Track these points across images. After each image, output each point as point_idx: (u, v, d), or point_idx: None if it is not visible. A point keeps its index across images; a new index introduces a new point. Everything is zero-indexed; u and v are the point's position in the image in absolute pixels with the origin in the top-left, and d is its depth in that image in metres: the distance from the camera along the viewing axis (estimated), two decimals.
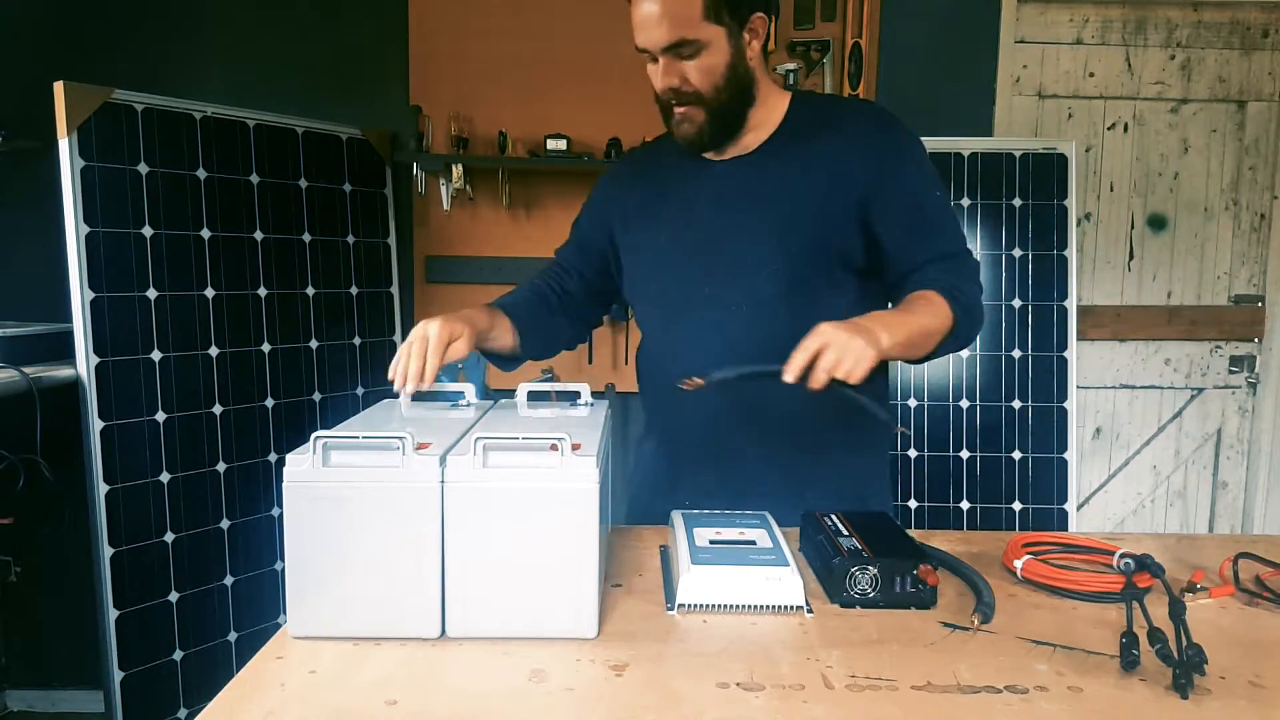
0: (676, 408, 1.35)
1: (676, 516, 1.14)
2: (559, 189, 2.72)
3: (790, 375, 1.04)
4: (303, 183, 2.39)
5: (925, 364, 1.42)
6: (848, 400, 1.05)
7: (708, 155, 1.33)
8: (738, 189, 1.30)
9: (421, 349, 1.13)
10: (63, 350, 2.07)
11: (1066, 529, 2.43)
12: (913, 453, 2.46)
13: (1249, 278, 2.83)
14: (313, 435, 0.84)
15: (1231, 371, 2.86)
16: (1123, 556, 1.04)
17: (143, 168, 2.06)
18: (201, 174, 2.17)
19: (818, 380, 1.03)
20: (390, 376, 1.14)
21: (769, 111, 1.30)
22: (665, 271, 1.34)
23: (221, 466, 2.21)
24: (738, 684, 0.79)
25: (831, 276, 1.27)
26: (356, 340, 2.53)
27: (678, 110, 1.25)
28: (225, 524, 2.22)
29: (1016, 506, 2.46)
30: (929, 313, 1.18)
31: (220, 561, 2.21)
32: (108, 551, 2.00)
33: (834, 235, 1.26)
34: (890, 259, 1.27)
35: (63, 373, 2.03)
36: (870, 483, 1.38)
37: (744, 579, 0.95)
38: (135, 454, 2.04)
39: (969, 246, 1.30)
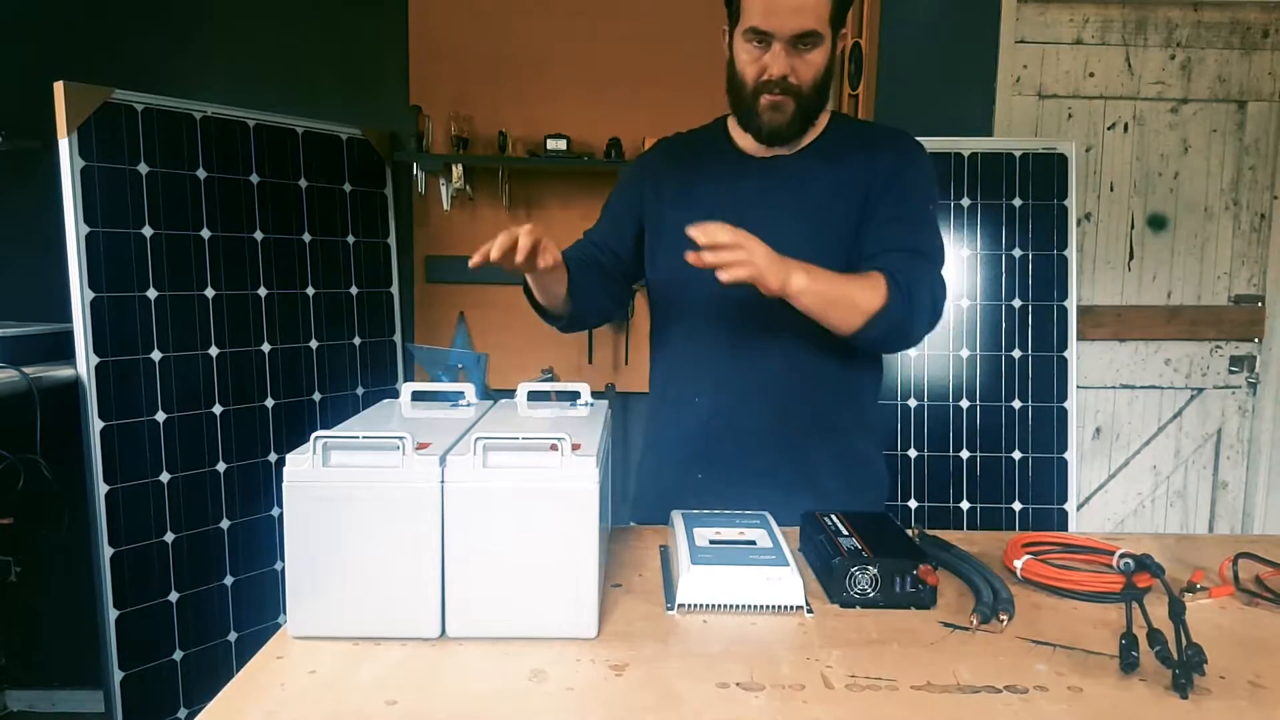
0: (689, 380, 1.41)
1: (676, 516, 1.14)
2: (559, 189, 2.72)
3: (702, 238, 1.12)
4: (303, 183, 2.39)
5: (910, 356, 1.44)
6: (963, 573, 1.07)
7: (749, 152, 1.39)
8: (776, 186, 1.36)
9: (515, 233, 1.16)
10: (63, 350, 2.07)
11: (1066, 529, 2.43)
12: (913, 453, 2.46)
13: (1249, 278, 2.83)
14: (313, 435, 0.84)
15: (1231, 371, 2.86)
16: (1123, 556, 1.04)
17: (143, 168, 2.06)
18: (201, 174, 2.17)
19: (717, 259, 1.11)
20: (474, 262, 1.16)
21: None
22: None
23: (221, 466, 2.21)
24: (738, 684, 0.79)
25: None
26: (356, 340, 2.53)
27: (772, 98, 1.28)
28: (225, 524, 2.22)
29: (1016, 506, 2.46)
30: (862, 285, 1.23)
31: (220, 561, 2.21)
32: (108, 551, 1.99)
33: (837, 244, 1.33)
34: (864, 243, 1.33)
35: (63, 373, 2.03)
36: (871, 459, 1.46)
37: (744, 579, 0.95)
38: (135, 454, 2.04)
39: (939, 254, 1.34)
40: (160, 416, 2.09)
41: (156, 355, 2.08)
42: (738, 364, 1.36)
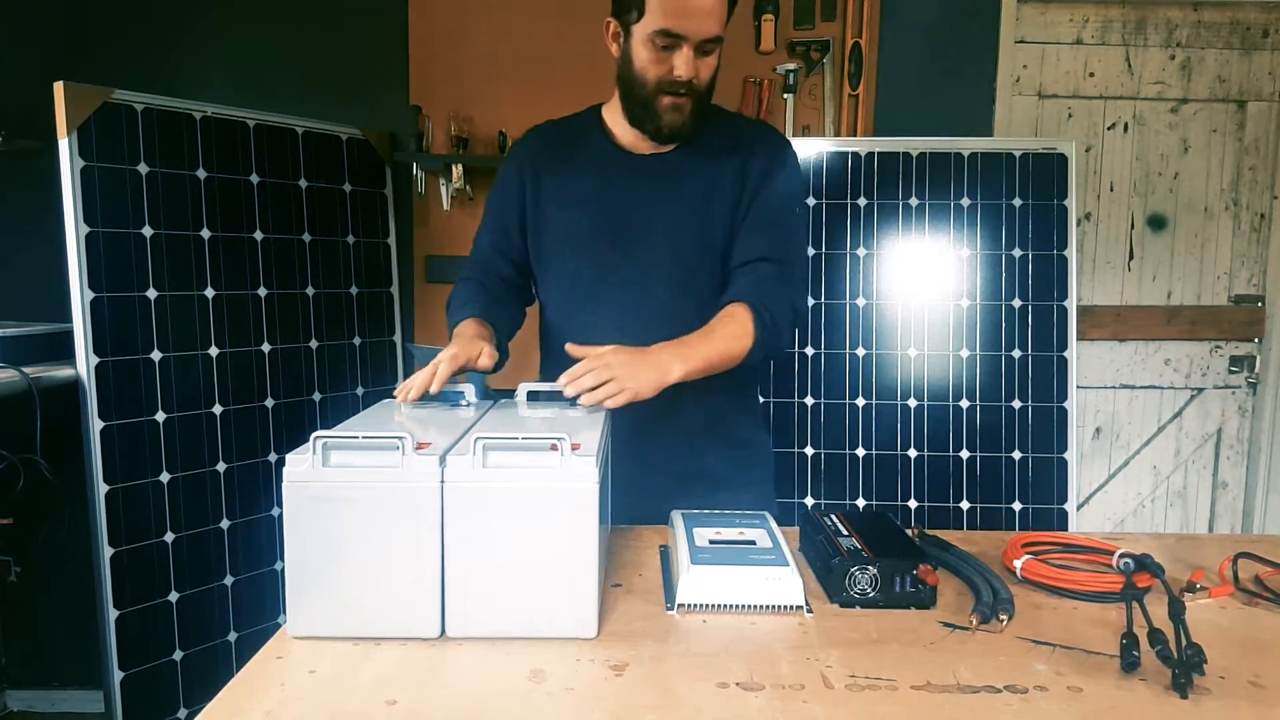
0: None
1: (676, 516, 1.14)
2: None
3: (569, 391, 1.16)
4: (303, 183, 2.39)
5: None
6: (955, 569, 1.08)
7: (628, 148, 1.44)
8: (657, 185, 1.41)
9: (433, 369, 1.17)
10: (63, 350, 2.07)
11: (1066, 529, 2.43)
12: (913, 453, 2.46)
13: (1249, 278, 2.83)
14: (312, 435, 0.84)
15: (1231, 371, 2.86)
16: (1122, 556, 1.04)
17: (143, 168, 2.06)
18: (201, 174, 2.17)
19: (593, 399, 1.15)
20: (395, 393, 1.18)
21: None
22: (582, 252, 1.44)
23: (221, 466, 2.21)
24: (737, 684, 0.79)
25: (715, 273, 1.41)
26: (356, 340, 2.53)
27: (675, 99, 1.33)
28: (225, 524, 2.22)
29: (1016, 506, 2.46)
30: (731, 335, 1.31)
31: (220, 561, 2.21)
32: (108, 551, 1.99)
33: (718, 237, 1.40)
34: (735, 246, 1.40)
35: (63, 373, 2.03)
36: (752, 440, 1.53)
37: (744, 579, 0.95)
38: (135, 454, 2.04)
39: (802, 259, 1.49)
40: (160, 416, 2.09)
41: (156, 355, 2.08)
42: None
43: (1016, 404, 2.45)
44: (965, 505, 2.46)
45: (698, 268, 1.40)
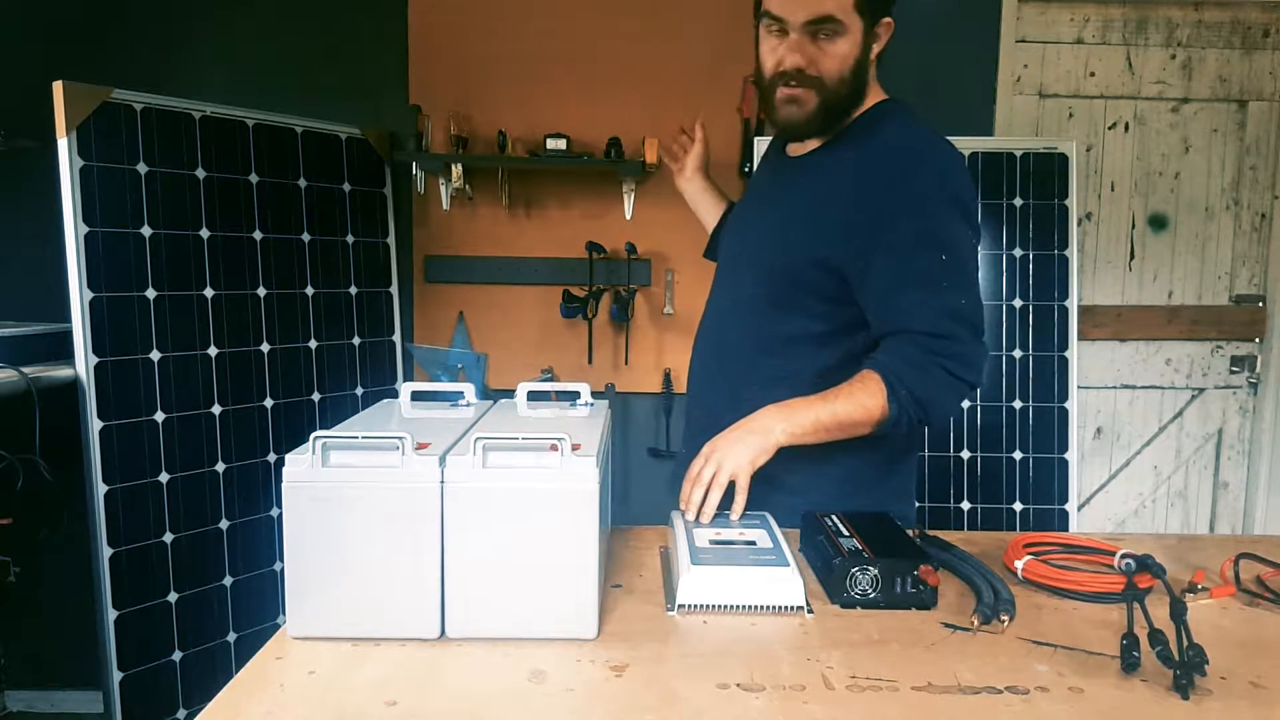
0: (703, 387, 1.42)
1: (676, 517, 1.14)
2: (559, 189, 2.71)
3: (690, 514, 1.12)
4: (302, 182, 2.38)
5: None
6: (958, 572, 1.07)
7: (789, 151, 1.36)
8: (779, 190, 1.34)
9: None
10: (62, 350, 2.07)
11: (1067, 529, 2.43)
12: None
13: (1250, 277, 2.83)
14: (312, 435, 0.84)
15: (1232, 371, 2.86)
16: (1124, 557, 1.03)
17: (142, 167, 2.06)
18: (200, 173, 2.16)
19: (708, 507, 1.11)
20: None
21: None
22: (721, 264, 1.46)
23: (221, 467, 2.20)
24: (738, 685, 0.79)
25: (802, 301, 1.25)
26: (356, 340, 2.52)
27: (789, 91, 1.21)
28: (224, 524, 2.22)
29: (1017, 507, 2.45)
30: (853, 401, 1.14)
31: (219, 562, 2.21)
32: (107, 552, 1.99)
33: (810, 261, 1.22)
34: (868, 316, 1.22)
35: (62, 373, 2.02)
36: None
37: (744, 579, 0.95)
38: (134, 454, 2.04)
39: (953, 313, 1.15)
40: (159, 416, 2.09)
41: (155, 355, 2.08)
42: (723, 366, 1.37)
43: (1017, 404, 2.45)
44: (966, 505, 2.46)
45: (765, 290, 1.26)
